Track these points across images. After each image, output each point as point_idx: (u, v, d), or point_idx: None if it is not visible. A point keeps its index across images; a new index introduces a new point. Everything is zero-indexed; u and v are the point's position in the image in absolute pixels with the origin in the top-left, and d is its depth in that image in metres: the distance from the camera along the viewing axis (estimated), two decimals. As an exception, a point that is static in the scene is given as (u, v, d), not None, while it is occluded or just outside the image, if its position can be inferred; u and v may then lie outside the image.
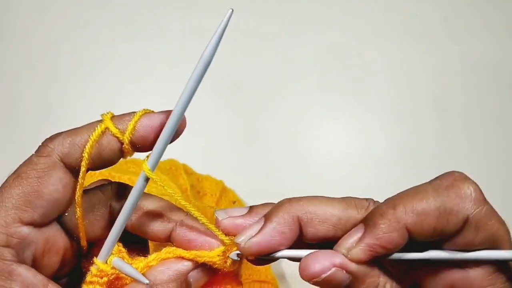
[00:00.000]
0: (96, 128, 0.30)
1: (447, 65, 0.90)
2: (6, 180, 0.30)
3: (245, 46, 0.90)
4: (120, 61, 0.88)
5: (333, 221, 0.30)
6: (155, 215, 0.32)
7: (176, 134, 0.29)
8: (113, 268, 0.31)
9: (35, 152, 0.31)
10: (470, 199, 0.27)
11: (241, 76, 0.88)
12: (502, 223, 0.28)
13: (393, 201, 0.28)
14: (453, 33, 0.91)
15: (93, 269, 0.31)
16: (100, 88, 0.87)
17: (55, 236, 0.32)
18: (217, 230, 0.31)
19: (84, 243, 0.33)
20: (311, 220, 0.30)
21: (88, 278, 0.31)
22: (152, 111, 0.31)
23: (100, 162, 0.31)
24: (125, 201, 0.31)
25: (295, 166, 0.84)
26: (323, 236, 0.30)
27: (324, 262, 0.28)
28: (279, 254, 0.30)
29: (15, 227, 0.29)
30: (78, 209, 0.31)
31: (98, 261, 0.31)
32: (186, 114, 0.30)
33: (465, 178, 0.28)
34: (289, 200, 0.31)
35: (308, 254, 0.29)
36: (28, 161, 0.30)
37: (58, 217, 0.32)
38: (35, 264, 0.31)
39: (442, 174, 0.29)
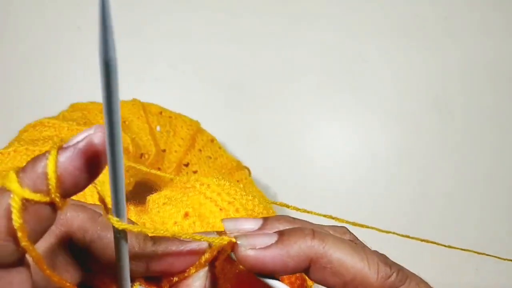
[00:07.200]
0: (13, 210, 0.20)
1: (447, 65, 0.90)
2: None
3: (245, 46, 0.90)
4: (120, 61, 0.88)
5: (346, 278, 0.26)
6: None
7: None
8: None
9: None
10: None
11: (241, 76, 0.88)
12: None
13: None
14: (453, 33, 0.91)
15: None
16: (99, 88, 0.87)
17: None
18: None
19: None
20: (324, 269, 0.26)
21: None
22: (62, 146, 0.21)
23: (40, 236, 0.22)
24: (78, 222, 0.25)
25: (295, 166, 0.84)
26: (326, 285, 0.27)
27: None
28: (266, 279, 0.26)
29: None
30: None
31: None
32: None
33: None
34: (313, 233, 0.27)
35: None
36: None
37: None
38: None
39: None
